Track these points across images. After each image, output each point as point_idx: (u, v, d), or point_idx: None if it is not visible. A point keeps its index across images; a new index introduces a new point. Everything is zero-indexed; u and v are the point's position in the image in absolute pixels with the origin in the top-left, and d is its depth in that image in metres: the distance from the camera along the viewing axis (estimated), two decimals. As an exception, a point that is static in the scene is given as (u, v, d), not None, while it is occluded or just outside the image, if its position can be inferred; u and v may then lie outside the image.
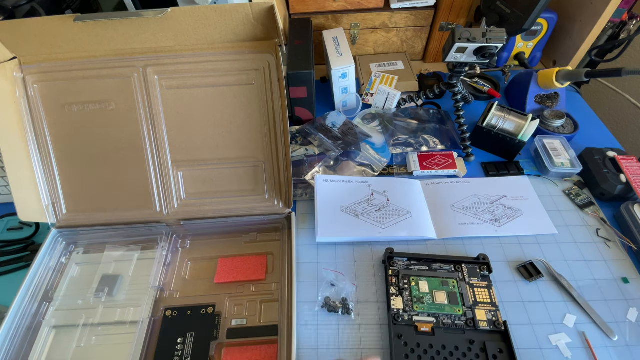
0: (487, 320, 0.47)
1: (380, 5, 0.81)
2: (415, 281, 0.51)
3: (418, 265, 0.53)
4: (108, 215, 0.58)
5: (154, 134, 0.55)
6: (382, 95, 0.76)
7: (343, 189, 0.62)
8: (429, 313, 0.48)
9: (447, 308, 0.48)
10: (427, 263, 0.53)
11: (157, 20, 0.48)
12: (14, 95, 0.53)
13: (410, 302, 0.49)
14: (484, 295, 0.50)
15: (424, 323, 0.47)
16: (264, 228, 0.59)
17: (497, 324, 0.47)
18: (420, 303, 0.49)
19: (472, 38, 0.56)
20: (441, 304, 0.49)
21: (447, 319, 0.48)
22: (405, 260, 0.54)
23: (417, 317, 0.48)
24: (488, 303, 0.49)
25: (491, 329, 0.47)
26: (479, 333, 0.47)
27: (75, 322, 0.50)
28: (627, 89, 0.90)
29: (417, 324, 0.47)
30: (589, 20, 0.74)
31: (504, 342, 0.46)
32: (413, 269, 0.52)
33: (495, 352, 0.45)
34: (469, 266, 0.53)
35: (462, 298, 0.49)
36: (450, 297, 0.49)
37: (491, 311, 0.48)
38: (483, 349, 0.45)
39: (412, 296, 0.50)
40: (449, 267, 0.53)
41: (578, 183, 0.64)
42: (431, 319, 0.48)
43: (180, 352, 0.47)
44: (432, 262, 0.53)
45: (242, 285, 0.53)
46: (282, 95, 0.53)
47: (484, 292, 0.50)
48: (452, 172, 0.66)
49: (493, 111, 0.67)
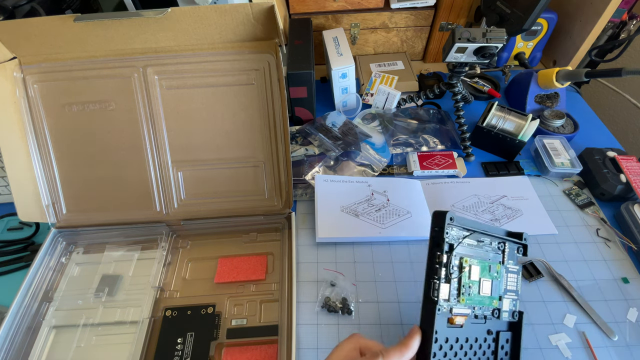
0: (508, 311, 0.43)
1: (380, 5, 0.81)
2: (468, 263, 0.39)
3: (468, 239, 0.41)
4: (108, 215, 0.58)
5: (154, 134, 0.55)
6: (382, 95, 0.76)
7: (343, 189, 0.62)
8: (469, 306, 0.40)
9: (488, 301, 0.40)
10: (477, 236, 0.41)
11: (157, 20, 0.48)
12: (14, 95, 0.53)
13: (457, 292, 0.38)
14: (513, 282, 0.44)
15: (460, 316, 0.39)
16: (264, 228, 0.59)
17: (515, 314, 0.43)
18: (468, 295, 0.39)
19: (472, 38, 0.56)
20: (486, 296, 0.41)
21: (479, 310, 0.40)
22: (461, 232, 0.40)
23: (456, 309, 0.38)
24: (513, 291, 0.44)
25: (509, 320, 0.43)
26: (498, 323, 0.42)
27: (75, 322, 0.50)
28: (627, 89, 0.90)
29: (454, 317, 0.38)
30: (589, 20, 0.74)
31: (510, 332, 0.43)
32: (464, 245, 0.40)
33: (504, 342, 0.42)
34: (510, 246, 0.44)
35: (498, 288, 0.42)
36: (494, 288, 0.41)
37: (514, 300, 0.44)
38: (495, 339, 0.42)
39: (462, 285, 0.39)
40: (495, 245, 0.43)
41: (578, 183, 0.64)
42: (468, 312, 0.39)
43: (180, 352, 0.47)
44: (481, 235, 0.42)
45: (242, 285, 0.53)
46: (282, 95, 0.53)
47: (513, 278, 0.44)
48: (452, 172, 0.66)
49: (493, 111, 0.67)
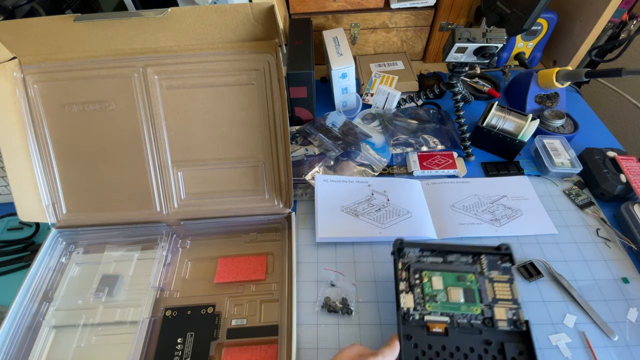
0: (507, 320, 0.43)
1: (380, 5, 0.81)
2: (428, 276, 0.46)
3: (431, 257, 0.47)
4: (108, 215, 0.58)
5: (154, 134, 0.55)
6: (382, 95, 0.76)
7: (343, 189, 0.62)
8: (442, 312, 0.44)
9: (463, 307, 0.44)
10: (442, 254, 0.47)
11: (157, 20, 0.48)
12: (14, 95, 0.53)
13: (422, 301, 0.44)
14: (505, 291, 0.45)
15: (437, 323, 0.43)
16: (264, 228, 0.59)
17: (519, 323, 0.43)
18: (433, 302, 0.44)
19: (472, 38, 0.56)
20: (456, 302, 0.44)
21: (462, 318, 0.43)
22: (417, 251, 0.48)
23: (429, 316, 0.43)
24: (509, 300, 0.45)
25: (511, 329, 0.43)
26: (497, 333, 0.43)
27: (75, 322, 0.50)
28: (627, 89, 0.90)
29: (429, 324, 0.43)
30: (589, 20, 0.74)
31: (523, 344, 0.42)
32: (425, 262, 0.47)
33: (515, 354, 0.41)
34: (489, 257, 0.47)
35: (480, 295, 0.45)
36: (467, 295, 0.45)
37: (512, 309, 0.44)
38: (501, 351, 0.41)
39: (424, 294, 0.45)
40: (467, 259, 0.47)
41: (578, 183, 0.64)
42: (445, 319, 0.43)
43: (180, 352, 0.47)
44: (447, 254, 0.47)
45: (242, 285, 0.53)
46: (282, 95, 0.53)
47: (504, 287, 0.46)
48: (452, 172, 0.66)
49: (493, 111, 0.67)
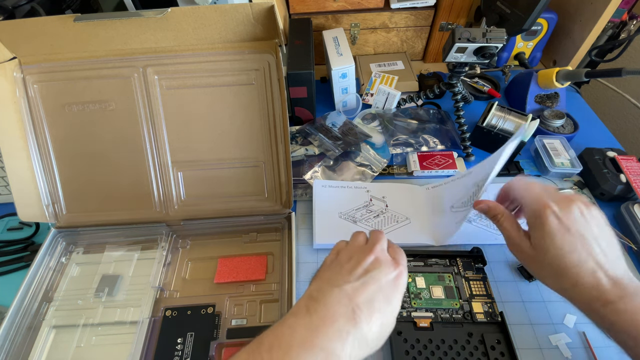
0: (483, 312, 0.49)
1: (380, 5, 0.81)
2: (412, 277, 0.52)
3: (414, 261, 0.54)
4: (108, 215, 0.58)
5: (154, 134, 0.55)
6: (382, 95, 0.76)
7: (341, 195, 0.62)
8: (427, 308, 0.49)
9: (444, 302, 0.50)
10: (423, 259, 0.54)
11: (157, 20, 0.48)
12: (14, 95, 0.53)
13: (408, 299, 0.50)
14: (479, 288, 0.51)
15: (423, 318, 0.48)
16: (264, 228, 0.59)
17: (494, 315, 0.48)
18: (418, 299, 0.50)
19: (472, 38, 0.56)
20: (438, 298, 0.50)
21: (444, 313, 0.49)
22: None
23: (415, 312, 0.49)
24: (484, 295, 0.50)
25: (488, 320, 0.48)
26: (476, 325, 0.47)
27: (75, 322, 0.50)
28: (627, 89, 0.90)
29: (416, 319, 0.48)
30: (589, 20, 0.74)
31: (501, 333, 0.46)
32: (409, 266, 0.52)
33: (493, 342, 0.45)
34: (463, 260, 0.54)
35: (458, 292, 0.51)
36: (447, 292, 0.51)
37: (487, 303, 0.50)
38: (481, 341, 0.46)
39: (410, 292, 0.51)
40: (444, 262, 0.54)
41: (578, 183, 0.64)
42: (429, 314, 0.48)
43: (180, 352, 0.47)
44: (427, 258, 0.54)
45: (242, 285, 0.53)
46: (282, 95, 0.53)
47: (479, 284, 0.52)
48: (452, 172, 0.66)
49: (493, 111, 0.67)
